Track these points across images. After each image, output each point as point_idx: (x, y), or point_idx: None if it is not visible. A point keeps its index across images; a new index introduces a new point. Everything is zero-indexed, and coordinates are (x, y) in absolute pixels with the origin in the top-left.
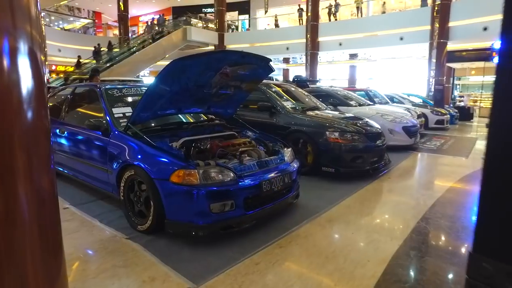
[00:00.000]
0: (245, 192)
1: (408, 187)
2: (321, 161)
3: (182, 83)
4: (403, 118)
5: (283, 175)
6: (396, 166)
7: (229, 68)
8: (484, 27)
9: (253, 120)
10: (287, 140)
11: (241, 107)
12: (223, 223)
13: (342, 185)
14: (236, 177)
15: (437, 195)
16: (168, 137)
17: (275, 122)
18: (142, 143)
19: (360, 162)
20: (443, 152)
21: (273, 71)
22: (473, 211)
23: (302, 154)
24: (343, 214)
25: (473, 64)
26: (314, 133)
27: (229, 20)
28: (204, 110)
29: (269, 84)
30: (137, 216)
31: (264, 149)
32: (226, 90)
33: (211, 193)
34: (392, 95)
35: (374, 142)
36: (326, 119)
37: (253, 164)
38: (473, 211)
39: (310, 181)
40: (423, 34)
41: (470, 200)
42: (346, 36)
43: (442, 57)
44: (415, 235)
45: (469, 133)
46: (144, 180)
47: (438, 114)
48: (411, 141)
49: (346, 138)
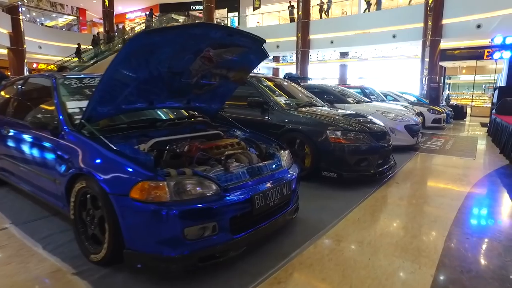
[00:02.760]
0: (232, 209)
1: (421, 195)
2: (320, 165)
3: (152, 68)
4: (405, 116)
5: (281, 185)
6: (401, 169)
7: (212, 51)
8: (478, 24)
9: (243, 118)
10: (281, 141)
11: (228, 103)
12: (202, 252)
13: (346, 192)
14: (220, 190)
15: (457, 204)
16: (136, 138)
17: (268, 120)
18: (97, 145)
19: (365, 165)
20: (447, 153)
21: (267, 57)
22: (507, 224)
23: (298, 157)
24: (353, 230)
25: (464, 63)
26: (312, 132)
27: (218, 18)
28: (183, 104)
29: (260, 77)
30: (90, 241)
31: (256, 152)
32: (210, 80)
33: (186, 213)
34: (386, 92)
35: (380, 142)
36: (325, 116)
37: (243, 172)
38: (506, 224)
39: (309, 188)
40: (416, 31)
41: (497, 211)
42: (337, 34)
43: (435, 55)
44: (448, 260)
45: (466, 132)
46: (97, 194)
47: (435, 112)
48: (414, 140)
49: (349, 137)
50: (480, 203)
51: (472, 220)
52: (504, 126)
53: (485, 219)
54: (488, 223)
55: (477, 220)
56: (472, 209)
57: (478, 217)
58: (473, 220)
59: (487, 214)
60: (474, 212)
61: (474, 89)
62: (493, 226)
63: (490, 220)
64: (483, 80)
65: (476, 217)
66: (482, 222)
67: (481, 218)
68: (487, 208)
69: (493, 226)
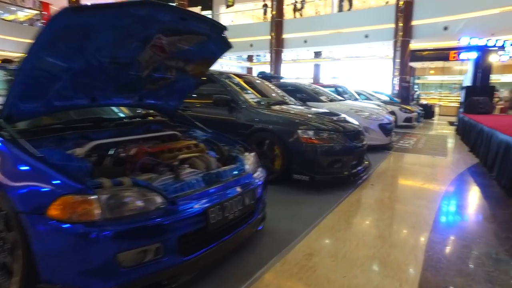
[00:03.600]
0: (181, 226)
1: (397, 197)
2: (292, 167)
3: (89, 56)
4: (378, 115)
5: (243, 194)
6: (375, 169)
7: (164, 39)
8: (445, 26)
9: (209, 117)
10: (249, 141)
11: (192, 101)
12: (143, 281)
13: (319, 196)
14: (166, 203)
15: (434, 207)
16: (73, 140)
17: (235, 120)
18: (15, 150)
19: (339, 167)
20: (420, 152)
21: (230, 47)
22: (484, 228)
23: (268, 158)
24: (326, 241)
25: (432, 64)
26: (283, 132)
27: None
28: (134, 102)
29: (229, 74)
30: (2, 272)
31: (217, 156)
32: (165, 73)
33: (121, 234)
34: (359, 91)
35: (354, 142)
36: (297, 115)
37: (197, 180)
38: (484, 227)
39: (279, 193)
40: (388, 32)
41: (474, 213)
42: (311, 33)
43: (406, 55)
44: (431, 274)
45: (436, 130)
46: (8, 212)
47: (406, 111)
48: (387, 140)
49: (322, 137)
50: (457, 205)
51: (451, 225)
52: (473, 125)
53: (463, 223)
54: (467, 227)
55: (455, 225)
56: (449, 212)
57: (456, 221)
58: (452, 224)
59: (465, 217)
60: (452, 215)
61: (441, 89)
62: (472, 230)
63: (468, 224)
64: (450, 81)
65: (454, 221)
66: (461, 226)
67: (459, 222)
68: (464, 210)
69: (472, 230)
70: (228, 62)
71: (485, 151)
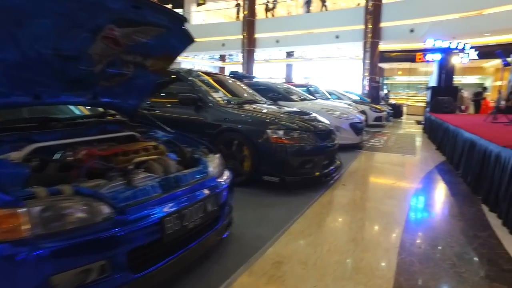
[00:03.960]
0: (131, 239)
1: (369, 197)
2: (261, 168)
3: (25, 47)
4: (349, 114)
5: (206, 199)
6: (347, 169)
7: (117, 30)
8: (411, 29)
9: (176, 117)
10: (217, 142)
11: (159, 101)
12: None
13: (289, 198)
14: (114, 213)
15: (405, 206)
16: (10, 143)
17: (202, 119)
18: None
19: (309, 167)
20: (390, 150)
21: (192, 41)
22: (453, 226)
23: (237, 160)
24: (296, 247)
25: (400, 65)
26: (252, 132)
27: None
28: (87, 100)
29: (198, 72)
30: None
31: (178, 158)
32: (121, 69)
33: (57, 253)
34: (331, 91)
35: (325, 142)
36: (267, 114)
37: (153, 186)
38: (453, 225)
39: (247, 195)
40: (358, 33)
41: (443, 211)
42: (283, 33)
43: (375, 56)
44: (404, 279)
45: (405, 129)
46: None
47: (376, 111)
48: (358, 139)
49: (292, 137)
50: (427, 203)
51: (422, 224)
52: (439, 124)
53: (433, 222)
54: (437, 226)
55: (426, 224)
56: (420, 211)
57: (427, 220)
58: (423, 224)
59: (435, 216)
60: (422, 214)
61: (409, 89)
62: (442, 229)
63: (438, 223)
64: (416, 81)
65: (425, 220)
66: (431, 225)
67: (430, 220)
68: (433, 208)
69: (442, 229)
70: (200, 61)
71: (451, 149)
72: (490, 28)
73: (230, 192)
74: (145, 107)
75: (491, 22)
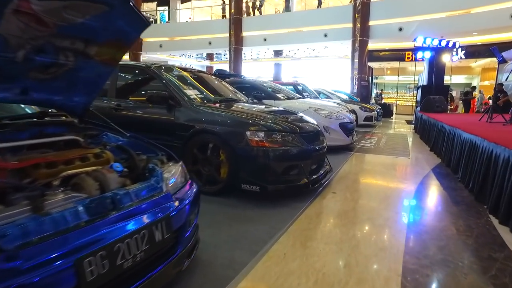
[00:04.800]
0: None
1: (363, 208)
2: (240, 175)
3: None
4: (339, 113)
5: (153, 225)
6: (337, 173)
7: (36, 2)
8: (400, 27)
9: (145, 118)
10: (190, 145)
11: (128, 99)
12: None
13: (271, 210)
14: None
15: (405, 219)
16: None
17: (174, 120)
18: None
19: (295, 174)
20: (382, 152)
21: (147, 25)
22: (462, 243)
23: (212, 165)
24: (276, 277)
25: (389, 64)
26: (229, 134)
27: (144, 11)
28: (12, 95)
29: (171, 66)
30: None
31: (125, 169)
32: (56, 57)
33: None
34: (319, 90)
35: (313, 144)
36: (247, 113)
37: (74, 212)
38: (461, 242)
39: (223, 207)
40: (346, 31)
41: (448, 224)
42: (271, 32)
43: (364, 55)
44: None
45: (395, 129)
46: None
47: (366, 110)
48: (349, 140)
49: (275, 140)
50: (428, 216)
51: (426, 243)
52: (432, 124)
53: (439, 240)
54: (444, 245)
55: (431, 243)
56: (421, 225)
57: (431, 237)
58: (427, 242)
59: (440, 231)
60: (425, 230)
61: (398, 88)
62: (451, 249)
63: (445, 241)
64: (405, 81)
65: (429, 237)
66: (437, 244)
67: (434, 238)
68: (437, 223)
69: (451, 250)
70: (187, 60)
71: (448, 151)
72: (477, 28)
73: (194, 210)
74: (112, 106)
75: (478, 21)
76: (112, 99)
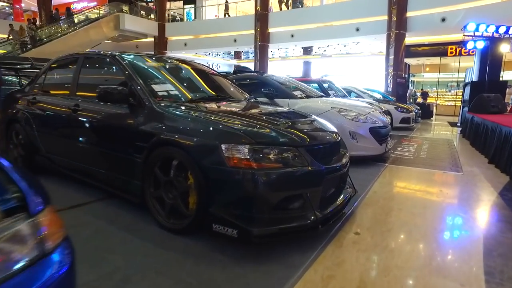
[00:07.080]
0: None
1: (403, 264)
2: (212, 209)
3: None
4: (369, 116)
5: None
6: (364, 197)
7: None
8: (442, 18)
9: (98, 120)
10: (151, 161)
11: (85, 96)
12: None
13: (256, 265)
14: None
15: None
16: None
17: (133, 124)
18: None
19: (297, 209)
20: (425, 164)
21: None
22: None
23: (178, 191)
24: None
25: (428, 60)
26: (197, 148)
27: (170, 10)
28: None
29: (139, 54)
30: None
31: None
32: None
33: None
34: (349, 88)
35: (328, 162)
36: (230, 117)
37: None
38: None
39: (184, 260)
40: (380, 24)
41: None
42: (298, 27)
43: (400, 49)
44: None
45: (437, 132)
46: None
47: (403, 111)
48: (382, 148)
49: (265, 158)
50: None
51: None
52: (490, 128)
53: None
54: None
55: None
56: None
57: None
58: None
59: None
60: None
61: (438, 87)
62: None
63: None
64: (446, 78)
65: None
66: None
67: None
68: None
69: None
70: (214, 59)
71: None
72: None
73: None
74: (70, 106)
75: None
76: (72, 97)
